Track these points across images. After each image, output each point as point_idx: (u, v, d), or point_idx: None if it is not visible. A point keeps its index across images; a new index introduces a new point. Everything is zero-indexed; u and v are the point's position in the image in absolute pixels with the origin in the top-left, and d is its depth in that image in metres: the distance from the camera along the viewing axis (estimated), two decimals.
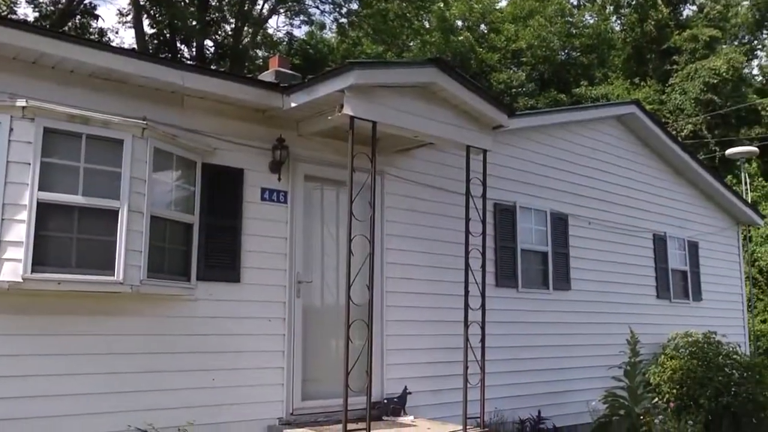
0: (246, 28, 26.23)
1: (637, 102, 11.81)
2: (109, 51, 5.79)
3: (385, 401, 7.13)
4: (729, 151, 19.66)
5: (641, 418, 8.05)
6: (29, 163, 5.06)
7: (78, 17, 24.76)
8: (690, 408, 9.63)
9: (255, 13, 26.24)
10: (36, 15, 23.18)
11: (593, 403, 8.85)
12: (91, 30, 25.09)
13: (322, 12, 28.43)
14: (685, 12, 31.20)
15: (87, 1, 24.48)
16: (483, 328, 6.82)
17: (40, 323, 5.31)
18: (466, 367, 6.68)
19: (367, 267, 5.95)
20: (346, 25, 28.39)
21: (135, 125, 5.54)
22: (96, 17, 25.27)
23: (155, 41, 25.88)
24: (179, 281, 5.93)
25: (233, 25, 26.42)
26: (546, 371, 9.24)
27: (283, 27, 35.07)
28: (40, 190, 5.07)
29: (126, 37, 48.69)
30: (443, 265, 7.97)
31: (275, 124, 6.78)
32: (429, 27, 30.62)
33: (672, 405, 9.53)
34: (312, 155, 7.09)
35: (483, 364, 6.75)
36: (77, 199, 5.22)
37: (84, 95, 5.64)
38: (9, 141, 5.03)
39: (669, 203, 11.97)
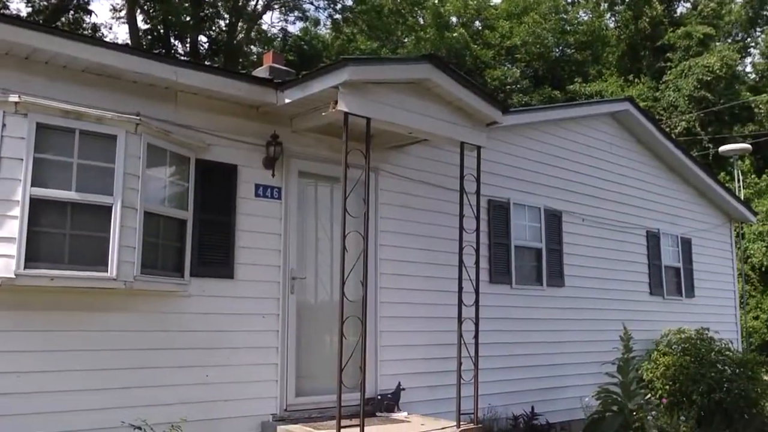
0: (240, 23, 26.19)
1: (631, 99, 11.84)
2: (102, 46, 5.78)
3: (379, 397, 7.14)
4: (722, 149, 19.72)
5: (634, 413, 8.09)
6: (22, 159, 5.05)
7: (71, 13, 24.67)
8: (682, 404, 9.69)
9: (249, 9, 26.20)
10: (29, 10, 23.09)
11: (586, 399, 8.89)
12: (85, 25, 24.99)
13: (316, 8, 28.39)
14: (679, 9, 31.27)
15: None
16: (476, 324, 6.84)
17: (33, 319, 5.30)
18: (459, 364, 6.70)
19: (361, 263, 5.96)
20: (340, 21, 28.36)
21: (128, 121, 5.53)
22: (89, 13, 25.19)
23: (149, 37, 25.80)
24: (173, 277, 5.93)
25: (227, 21, 26.37)
26: (539, 367, 9.27)
27: (278, 23, 35.20)
28: (33, 185, 5.06)
29: (119, 33, 48.62)
30: (437, 262, 7.98)
31: (269, 120, 6.77)
32: (424, 23, 30.63)
33: (665, 401, 9.59)
34: (306, 151, 7.09)
35: (476, 360, 6.77)
36: (70, 195, 5.21)
37: (77, 91, 5.62)
38: (2, 136, 5.03)
39: (662, 200, 12.00)
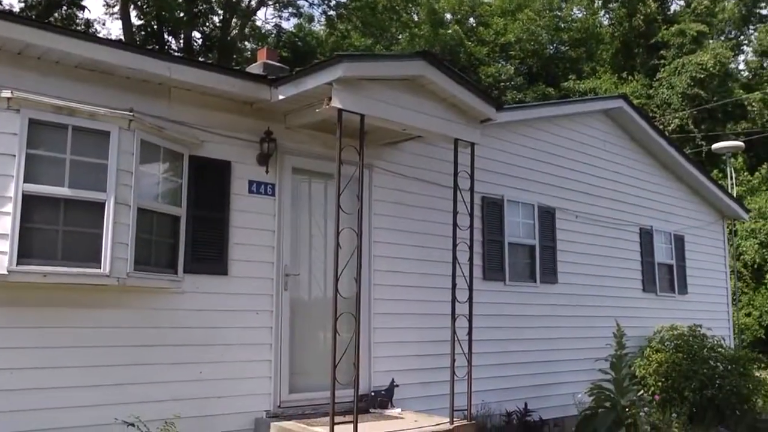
0: (234, 19, 26.13)
1: (625, 96, 11.85)
2: (95, 42, 5.74)
3: (373, 394, 7.15)
4: (715, 146, 19.80)
5: (627, 410, 8.10)
6: (14, 155, 5.02)
7: (64, 8, 24.56)
8: (675, 400, 9.72)
9: (243, 5, 26.13)
10: (21, 5, 22.98)
11: (579, 396, 8.90)
12: (78, 21, 24.90)
13: (310, 4, 28.33)
14: (673, 7, 31.36)
15: None
16: (470, 321, 6.84)
17: (25, 316, 5.28)
18: (453, 360, 6.70)
19: (355, 260, 5.96)
20: (334, 18, 28.33)
21: (121, 117, 5.51)
22: (82, 8, 25.08)
23: (142, 32, 25.72)
24: (166, 274, 5.91)
25: (221, 17, 26.31)
26: (533, 364, 9.29)
27: (272, 19, 35.10)
28: (25, 182, 5.04)
29: (113, 29, 48.40)
30: (431, 258, 7.99)
31: (263, 116, 6.76)
32: (418, 20, 30.63)
33: (657, 397, 9.61)
34: (300, 148, 7.08)
35: (470, 357, 6.77)
36: (63, 191, 5.19)
37: (70, 86, 5.59)
38: None
39: (655, 197, 12.04)
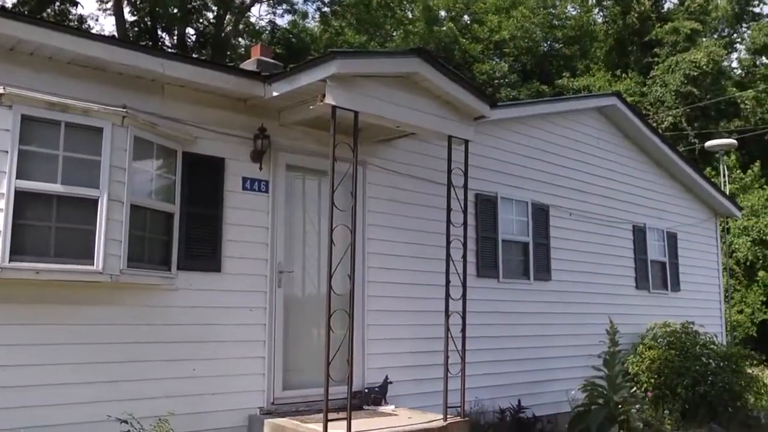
0: (228, 16, 26.06)
1: (618, 94, 11.88)
2: (88, 38, 5.72)
3: (366, 391, 7.15)
4: (708, 144, 19.86)
5: (619, 406, 8.13)
6: (7, 151, 5.00)
7: (57, 4, 24.45)
8: (667, 397, 9.77)
9: (237, 2, 26.05)
10: (14, 1, 22.85)
11: (572, 392, 8.92)
12: (71, 17, 24.79)
13: (305, 1, 28.31)
14: (667, 5, 31.40)
15: None
16: (464, 318, 6.85)
17: (18, 313, 5.26)
18: (446, 357, 6.71)
19: (349, 257, 5.95)
20: (329, 15, 28.29)
21: (115, 113, 5.49)
22: (75, 4, 24.97)
23: (136, 29, 25.63)
24: (159, 271, 5.90)
25: (215, 14, 26.24)
26: (526, 361, 9.31)
27: (266, 16, 34.99)
28: (18, 178, 5.02)
29: (106, 25, 48.16)
30: (425, 256, 8.00)
31: (257, 113, 6.75)
32: (412, 17, 30.59)
33: (650, 394, 9.66)
34: (294, 145, 7.07)
35: (463, 353, 6.78)
36: (56, 188, 5.17)
37: (63, 82, 5.57)
38: None
39: (649, 195, 12.07)
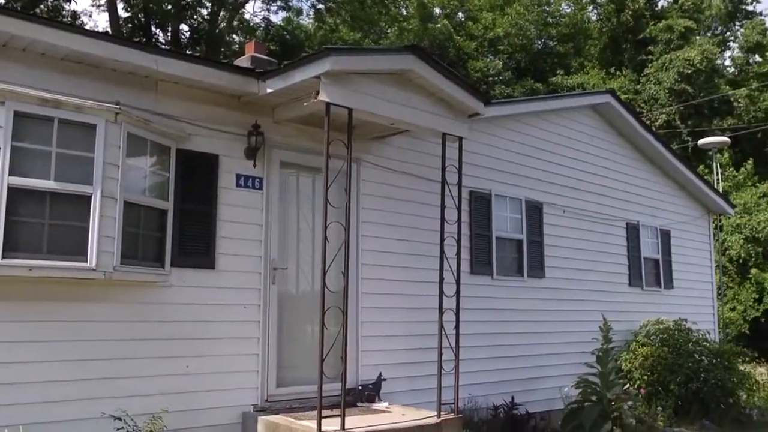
0: (222, 12, 25.97)
1: (612, 91, 11.90)
2: (81, 34, 5.69)
3: (360, 388, 7.16)
4: (701, 142, 19.90)
5: (612, 403, 8.17)
6: (0, 148, 4.98)
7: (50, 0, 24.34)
8: (660, 394, 9.82)
9: None
10: None
11: (566, 389, 8.96)
12: (64, 13, 24.68)
13: None
14: (661, 3, 31.34)
15: None
16: (457, 315, 6.86)
17: (11, 310, 5.25)
18: (440, 354, 6.72)
19: (343, 254, 5.96)
20: (323, 11, 28.22)
21: (108, 110, 5.48)
22: (69, 0, 24.86)
23: (129, 25, 25.52)
24: (153, 267, 5.90)
25: (209, 10, 26.14)
26: (520, 358, 9.33)
27: (260, 12, 34.91)
28: (10, 175, 5.01)
29: (99, 21, 47.99)
30: (419, 253, 8.00)
31: (251, 110, 6.74)
32: (407, 14, 30.56)
33: (643, 391, 9.70)
34: (288, 142, 7.07)
35: (457, 351, 6.80)
36: (49, 185, 5.16)
37: (56, 79, 5.56)
38: None
39: (642, 192, 12.10)
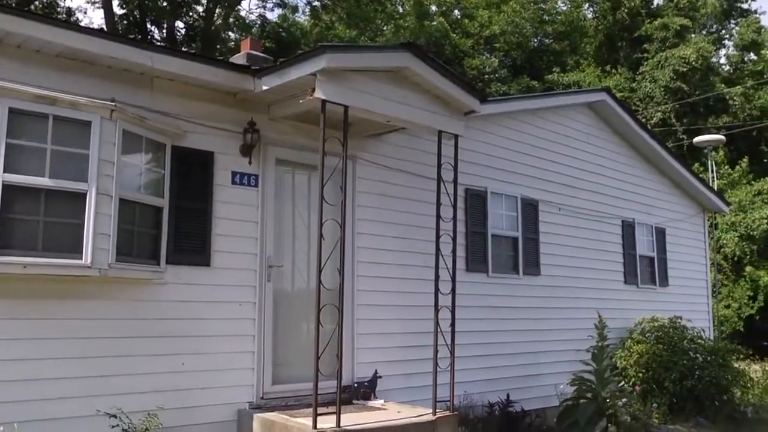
0: (218, 9, 25.91)
1: (608, 89, 11.91)
2: (77, 31, 5.68)
3: (356, 385, 7.17)
4: (697, 139, 19.96)
5: (607, 400, 8.19)
6: None
7: None
8: (655, 391, 9.84)
9: None
10: None
11: (561, 387, 8.98)
12: (59, 9, 24.59)
13: None
14: (656, 1, 31.45)
15: None
16: (453, 312, 6.87)
17: (5, 307, 5.24)
18: (435, 351, 6.73)
19: (338, 251, 5.96)
20: (319, 9, 28.19)
21: (103, 107, 5.46)
22: None
23: (125, 22, 25.45)
24: (148, 265, 5.88)
25: (204, 7, 26.08)
26: (515, 355, 9.34)
27: (256, 9, 34.78)
28: (5, 171, 4.99)
29: (95, 18, 47.89)
30: (414, 250, 8.00)
31: (246, 107, 6.73)
32: (403, 11, 30.54)
33: (638, 388, 9.72)
34: (283, 139, 7.06)
35: (453, 348, 6.80)
36: (44, 182, 5.15)
37: (51, 76, 5.54)
38: None
39: (638, 190, 12.12)
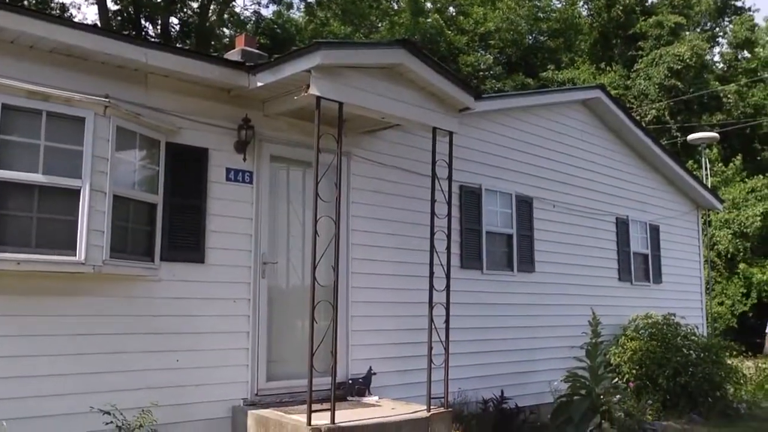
0: (212, 6, 25.86)
1: (602, 87, 11.93)
2: (70, 26, 5.65)
3: (350, 382, 7.17)
4: (691, 137, 20.02)
5: (601, 397, 8.22)
6: None
7: None
8: (648, 387, 9.88)
9: None
10: None
11: (555, 383, 9.00)
12: (53, 5, 24.50)
13: None
14: None
15: None
16: (447, 309, 6.88)
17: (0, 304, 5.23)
18: (430, 348, 6.73)
19: (333, 248, 5.96)
20: (314, 5, 28.15)
21: (97, 103, 5.45)
22: None
23: (119, 18, 25.39)
24: (142, 261, 5.87)
25: (199, 3, 26.02)
26: (509, 352, 9.36)
27: (251, 6, 34.65)
28: None
29: (89, 14, 47.69)
30: (409, 247, 8.01)
31: (241, 103, 6.72)
32: (398, 8, 30.52)
33: (631, 384, 9.75)
34: (278, 135, 7.05)
35: (447, 345, 6.81)
36: (37, 178, 5.13)
37: (44, 71, 5.51)
38: None
39: (632, 187, 12.15)
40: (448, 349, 6.81)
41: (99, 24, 21.98)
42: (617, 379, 9.73)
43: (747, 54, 31.81)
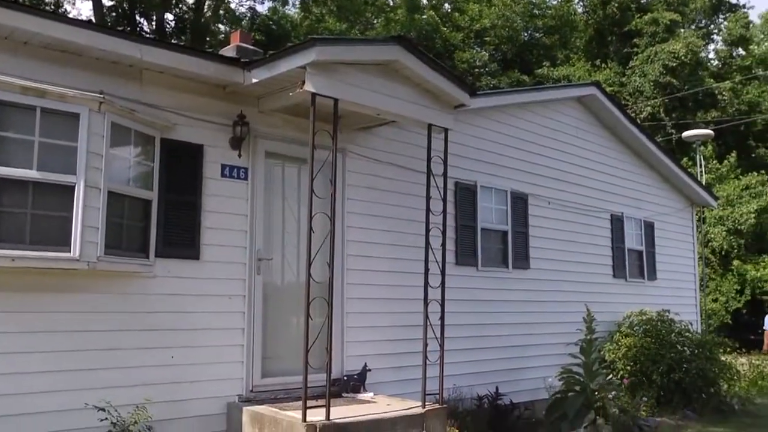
0: (207, 2, 25.79)
1: (598, 84, 11.95)
2: (64, 22, 5.63)
3: (345, 378, 7.18)
4: (685, 134, 20.05)
5: (596, 393, 8.24)
6: None
7: None
8: (643, 384, 9.91)
9: None
10: None
11: (550, 380, 9.03)
12: (47, 1, 24.40)
13: None
14: None
15: None
16: (442, 306, 6.88)
17: None
18: (425, 345, 6.74)
19: (328, 245, 5.96)
20: (309, 1, 28.09)
21: (92, 99, 5.44)
22: None
23: (114, 14, 25.30)
24: (137, 258, 5.87)
25: None
26: (504, 348, 9.38)
27: (246, 2, 34.60)
28: None
29: (83, 9, 47.44)
30: (404, 243, 8.01)
31: (236, 100, 6.71)
32: (393, 5, 30.48)
33: (626, 381, 9.79)
34: (273, 132, 7.04)
35: (442, 341, 6.82)
36: (32, 174, 5.12)
37: (39, 67, 5.49)
38: None
39: (627, 184, 12.18)
40: (443, 346, 6.82)
41: (94, 20, 21.91)
42: (612, 376, 9.76)
43: (742, 51, 31.88)
